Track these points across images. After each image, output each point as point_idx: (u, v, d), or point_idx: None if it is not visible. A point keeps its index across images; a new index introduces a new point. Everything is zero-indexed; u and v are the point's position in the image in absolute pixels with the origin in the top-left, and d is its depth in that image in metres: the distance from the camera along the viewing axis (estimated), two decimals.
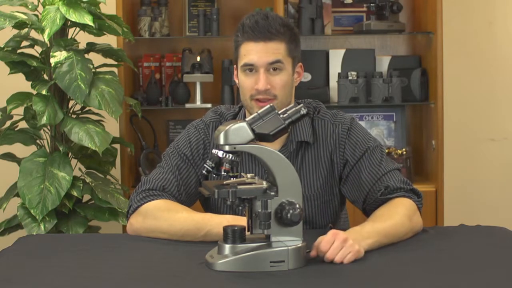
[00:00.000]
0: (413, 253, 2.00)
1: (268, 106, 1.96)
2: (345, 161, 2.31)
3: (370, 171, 2.27)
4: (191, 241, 2.11)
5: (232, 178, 1.92)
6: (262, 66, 2.21)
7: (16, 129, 3.39)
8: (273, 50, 2.21)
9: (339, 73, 3.92)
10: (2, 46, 3.33)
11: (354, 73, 3.88)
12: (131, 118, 3.89)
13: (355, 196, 2.30)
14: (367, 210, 2.28)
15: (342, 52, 4.04)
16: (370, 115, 4.06)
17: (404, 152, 3.88)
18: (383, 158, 2.30)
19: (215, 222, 2.10)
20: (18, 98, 3.26)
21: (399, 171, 2.31)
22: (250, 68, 2.23)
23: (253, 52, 2.22)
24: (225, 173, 1.91)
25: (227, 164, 1.91)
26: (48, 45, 3.32)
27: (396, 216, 2.12)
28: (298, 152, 2.32)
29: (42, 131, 3.41)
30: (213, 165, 1.91)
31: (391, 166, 2.29)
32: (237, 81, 2.32)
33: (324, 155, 2.32)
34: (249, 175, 1.96)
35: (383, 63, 4.06)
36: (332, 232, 1.93)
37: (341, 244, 1.90)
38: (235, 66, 2.32)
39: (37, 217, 3.13)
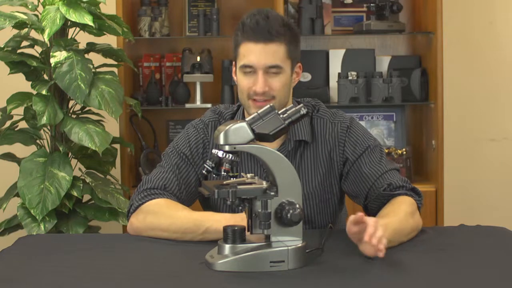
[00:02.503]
0: (413, 253, 2.00)
1: (268, 106, 1.96)
2: (345, 159, 2.32)
3: (371, 167, 2.28)
4: (191, 241, 2.11)
5: (232, 178, 1.92)
6: (260, 68, 2.22)
7: (16, 129, 3.39)
8: (273, 52, 2.21)
9: (339, 73, 3.91)
10: (2, 46, 3.32)
11: (354, 73, 3.88)
12: (131, 118, 3.89)
13: (357, 190, 2.30)
14: (369, 206, 2.29)
15: (342, 52, 4.04)
16: (370, 115, 4.06)
17: (404, 152, 3.88)
18: (383, 157, 2.31)
19: (215, 219, 2.11)
20: (18, 98, 3.26)
21: (398, 171, 2.32)
22: (249, 69, 2.23)
23: (253, 53, 2.21)
24: (225, 173, 1.91)
25: (227, 164, 1.91)
26: (48, 45, 3.32)
27: (401, 213, 2.13)
28: (297, 150, 2.32)
29: (42, 131, 3.41)
30: (213, 165, 1.92)
31: (391, 165, 2.31)
32: (235, 78, 2.32)
33: (323, 153, 2.32)
34: (249, 175, 1.96)
35: (383, 63, 4.05)
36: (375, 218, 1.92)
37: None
38: (234, 62, 2.32)
39: (37, 217, 3.13)
